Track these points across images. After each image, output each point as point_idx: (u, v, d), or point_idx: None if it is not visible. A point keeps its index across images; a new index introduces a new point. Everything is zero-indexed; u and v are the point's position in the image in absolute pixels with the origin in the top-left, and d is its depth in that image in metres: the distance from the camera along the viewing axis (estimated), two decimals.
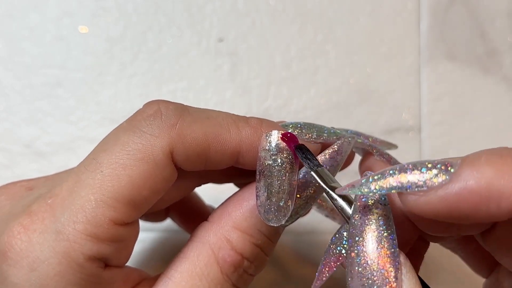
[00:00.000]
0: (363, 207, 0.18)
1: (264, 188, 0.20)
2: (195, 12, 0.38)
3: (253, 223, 0.21)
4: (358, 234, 0.18)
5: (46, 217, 0.19)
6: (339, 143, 0.22)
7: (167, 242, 0.35)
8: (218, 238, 0.21)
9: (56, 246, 0.18)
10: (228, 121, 0.21)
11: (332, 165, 0.22)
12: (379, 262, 0.17)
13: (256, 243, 0.21)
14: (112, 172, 0.19)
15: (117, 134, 0.20)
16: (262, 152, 0.20)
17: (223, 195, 0.22)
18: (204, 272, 0.20)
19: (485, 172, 0.15)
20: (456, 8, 0.38)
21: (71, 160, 0.35)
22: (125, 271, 0.21)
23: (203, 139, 0.20)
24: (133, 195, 0.19)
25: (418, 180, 0.16)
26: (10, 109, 0.36)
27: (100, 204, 0.18)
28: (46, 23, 0.37)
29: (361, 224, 0.18)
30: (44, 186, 0.22)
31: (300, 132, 0.22)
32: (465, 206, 0.15)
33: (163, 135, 0.19)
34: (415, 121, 0.37)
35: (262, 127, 0.21)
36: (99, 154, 0.19)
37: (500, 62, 0.38)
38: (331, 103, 0.37)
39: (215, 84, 0.37)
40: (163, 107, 0.20)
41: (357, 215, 0.18)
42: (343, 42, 0.38)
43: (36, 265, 0.18)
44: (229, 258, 0.21)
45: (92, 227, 0.18)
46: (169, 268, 0.21)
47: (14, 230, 0.19)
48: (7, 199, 0.22)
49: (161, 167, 0.19)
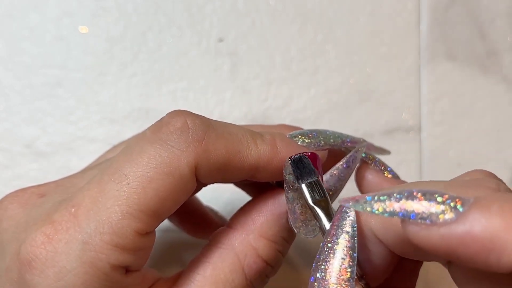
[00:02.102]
0: (338, 222, 0.19)
1: (297, 209, 0.21)
2: (195, 12, 0.38)
3: (278, 231, 0.22)
4: (328, 247, 0.18)
5: (71, 226, 0.19)
6: (353, 154, 0.24)
7: (167, 242, 0.35)
8: (244, 245, 0.21)
9: (82, 256, 0.19)
10: (248, 138, 0.21)
11: (347, 172, 0.23)
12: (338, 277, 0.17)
13: (279, 249, 0.22)
14: (138, 185, 0.19)
15: (142, 146, 0.20)
16: (289, 176, 0.21)
17: (223, 195, 0.22)
18: (229, 278, 0.21)
19: (493, 221, 0.14)
20: (456, 8, 0.38)
21: (71, 160, 0.35)
22: (142, 273, 0.21)
23: (226, 155, 0.20)
24: (157, 207, 0.19)
25: (423, 212, 0.16)
26: (10, 109, 0.36)
27: (126, 216, 0.19)
28: (46, 23, 0.37)
29: (331, 240, 0.18)
30: (56, 193, 0.22)
31: (308, 142, 0.23)
32: (465, 250, 0.15)
33: (190, 150, 0.20)
34: (415, 121, 0.37)
35: (277, 143, 0.22)
36: (124, 165, 0.20)
37: (500, 62, 0.38)
38: (331, 103, 0.37)
39: (215, 84, 0.37)
40: (190, 121, 0.20)
41: (332, 231, 0.19)
42: (343, 42, 0.38)
43: (62, 274, 0.19)
44: (255, 266, 0.21)
45: (118, 238, 0.19)
46: (190, 271, 0.21)
47: (37, 239, 0.19)
48: (20, 207, 0.22)
49: (185, 181, 0.20)
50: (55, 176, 0.25)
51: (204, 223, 0.30)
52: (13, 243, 0.20)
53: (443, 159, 0.37)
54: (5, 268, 0.20)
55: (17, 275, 0.19)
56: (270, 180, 0.23)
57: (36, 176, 0.35)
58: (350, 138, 0.24)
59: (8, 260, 0.20)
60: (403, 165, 0.26)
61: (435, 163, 0.37)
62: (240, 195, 0.28)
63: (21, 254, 0.19)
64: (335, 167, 0.23)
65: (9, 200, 0.22)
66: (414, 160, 0.37)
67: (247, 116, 0.37)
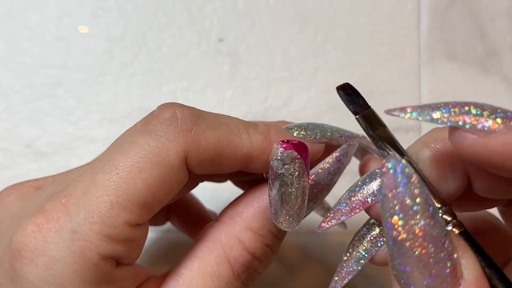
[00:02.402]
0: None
1: (277, 197, 0.20)
2: (195, 12, 0.38)
3: (264, 223, 0.22)
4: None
5: (61, 216, 0.19)
6: (345, 147, 0.23)
7: (167, 242, 0.35)
8: (230, 238, 0.21)
9: (72, 246, 0.18)
10: (239, 128, 0.21)
11: (338, 167, 0.22)
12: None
13: (267, 243, 0.22)
14: (128, 175, 0.19)
15: (133, 137, 0.20)
16: (274, 162, 0.20)
17: (222, 195, 0.22)
18: (216, 271, 0.21)
19: None
20: (456, 8, 0.38)
21: (71, 160, 0.35)
22: (134, 269, 0.21)
23: (217, 145, 0.20)
24: (147, 197, 0.19)
25: (481, 121, 0.15)
26: (10, 109, 0.36)
27: (115, 206, 0.19)
28: (46, 23, 0.37)
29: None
30: (52, 186, 0.22)
31: (304, 134, 0.23)
32: None
33: (178, 139, 0.20)
34: (415, 121, 0.37)
35: (271, 133, 0.22)
36: (114, 156, 0.20)
37: (500, 62, 0.38)
38: (331, 103, 0.37)
39: (215, 84, 0.37)
40: (179, 112, 0.20)
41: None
42: (343, 42, 0.38)
43: (52, 264, 0.18)
44: (240, 258, 0.21)
45: (107, 228, 0.19)
46: (179, 266, 0.21)
47: (28, 229, 0.19)
48: (17, 199, 0.22)
49: (175, 171, 0.20)
50: None
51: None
52: (7, 233, 0.20)
53: None
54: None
55: (8, 265, 0.19)
56: (265, 172, 0.23)
57: (36, 176, 0.35)
58: (348, 133, 0.24)
59: (1, 250, 0.20)
60: None
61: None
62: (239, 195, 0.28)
63: (12, 244, 0.19)
64: (324, 161, 0.22)
65: (7, 193, 0.22)
66: None
67: (247, 116, 0.37)
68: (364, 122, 0.19)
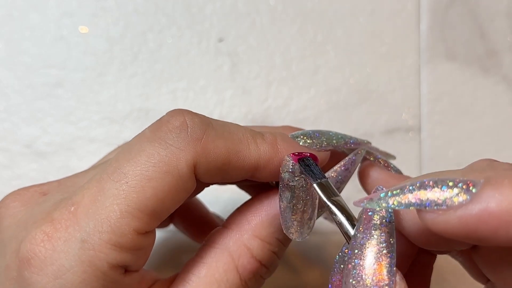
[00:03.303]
0: (368, 221, 0.18)
1: (288, 209, 0.21)
2: (195, 12, 0.38)
3: (272, 231, 0.22)
4: (358, 247, 0.18)
5: (70, 225, 0.19)
6: (352, 157, 0.23)
7: (166, 242, 0.35)
8: (238, 246, 0.21)
9: (81, 255, 0.18)
10: (247, 137, 0.21)
11: (346, 175, 0.23)
12: (374, 278, 0.17)
13: (274, 250, 0.22)
14: (137, 183, 0.19)
15: (141, 144, 0.20)
16: (285, 174, 0.21)
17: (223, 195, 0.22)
18: (223, 278, 0.21)
19: (508, 195, 0.15)
20: (456, 8, 0.38)
21: (71, 160, 0.35)
22: (140, 274, 0.21)
23: (225, 154, 0.20)
24: (156, 206, 0.19)
25: (438, 198, 0.16)
26: (10, 109, 0.36)
27: (125, 214, 0.19)
28: (46, 23, 0.37)
29: (362, 238, 0.18)
30: (58, 192, 0.22)
31: (310, 142, 0.23)
32: (484, 228, 0.15)
33: (188, 149, 0.20)
34: (415, 121, 0.37)
35: (278, 143, 0.22)
36: (123, 163, 0.19)
37: (500, 62, 0.38)
38: (331, 103, 0.37)
39: (215, 84, 0.37)
40: (189, 120, 0.20)
41: (360, 228, 0.18)
42: (343, 42, 0.38)
43: (61, 273, 0.19)
44: (248, 266, 0.21)
45: (116, 237, 0.19)
46: (186, 272, 0.21)
47: (37, 237, 0.19)
48: (22, 205, 0.22)
49: (184, 180, 0.20)
50: (55, 176, 0.25)
51: (209, 229, 0.30)
52: (13, 241, 0.20)
53: (443, 159, 0.37)
54: (5, 266, 0.20)
55: (16, 273, 0.19)
56: (271, 180, 0.23)
57: (36, 176, 0.35)
58: (353, 139, 0.24)
59: (8, 258, 0.20)
60: (403, 165, 0.26)
61: (435, 163, 0.37)
62: (240, 195, 0.28)
63: (20, 252, 0.19)
64: (333, 169, 0.23)
65: (12, 198, 0.22)
66: (414, 160, 0.37)
67: (247, 116, 0.37)
68: (320, 190, 0.20)
